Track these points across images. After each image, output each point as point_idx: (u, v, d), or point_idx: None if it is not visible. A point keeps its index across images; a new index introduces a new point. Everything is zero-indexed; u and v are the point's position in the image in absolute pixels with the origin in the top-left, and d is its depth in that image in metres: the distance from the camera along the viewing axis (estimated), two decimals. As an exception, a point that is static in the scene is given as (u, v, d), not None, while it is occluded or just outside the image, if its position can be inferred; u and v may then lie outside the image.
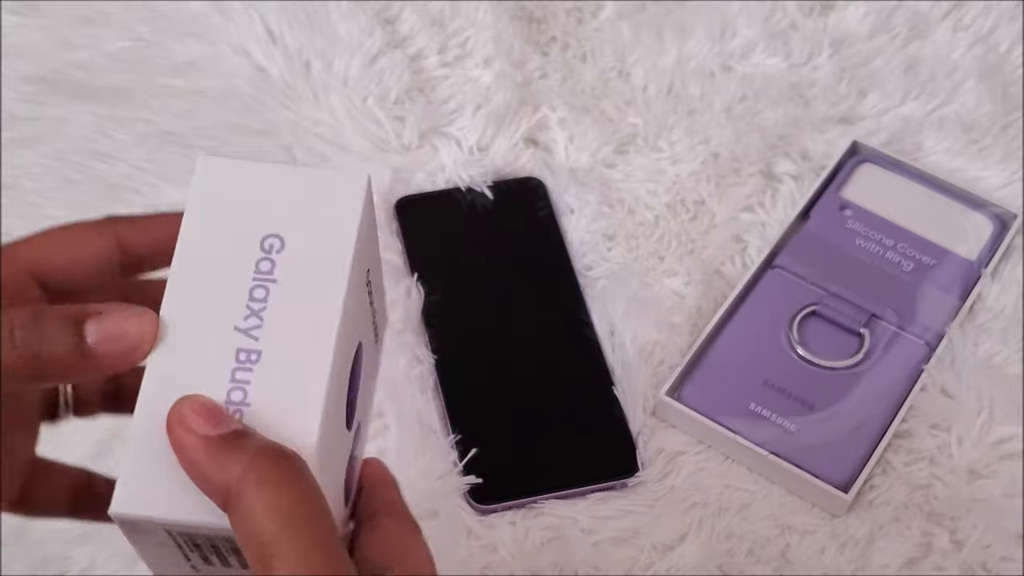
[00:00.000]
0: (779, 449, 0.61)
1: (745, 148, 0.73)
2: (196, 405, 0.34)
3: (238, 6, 0.78)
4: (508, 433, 0.63)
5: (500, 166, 0.73)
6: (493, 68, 0.76)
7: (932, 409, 0.63)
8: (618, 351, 0.66)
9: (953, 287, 0.67)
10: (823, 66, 0.77)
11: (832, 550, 0.60)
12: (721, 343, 0.66)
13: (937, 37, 0.79)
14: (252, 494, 0.32)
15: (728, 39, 0.78)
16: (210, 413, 0.34)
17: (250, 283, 0.36)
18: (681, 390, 0.64)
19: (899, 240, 0.69)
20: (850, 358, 0.65)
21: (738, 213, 0.72)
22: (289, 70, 0.76)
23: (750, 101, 0.76)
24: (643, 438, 0.63)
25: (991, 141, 0.74)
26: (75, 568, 0.59)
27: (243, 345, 0.35)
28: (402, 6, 0.79)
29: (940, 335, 0.66)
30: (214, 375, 0.35)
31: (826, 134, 0.74)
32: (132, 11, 0.79)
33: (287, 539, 0.32)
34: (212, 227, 0.36)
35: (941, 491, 0.61)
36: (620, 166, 0.73)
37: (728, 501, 0.61)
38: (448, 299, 0.67)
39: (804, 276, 0.68)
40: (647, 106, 0.76)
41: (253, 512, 0.32)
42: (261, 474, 0.33)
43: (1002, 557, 0.59)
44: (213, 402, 0.34)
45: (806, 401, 0.63)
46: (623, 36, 0.78)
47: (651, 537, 0.60)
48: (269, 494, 0.32)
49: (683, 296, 0.68)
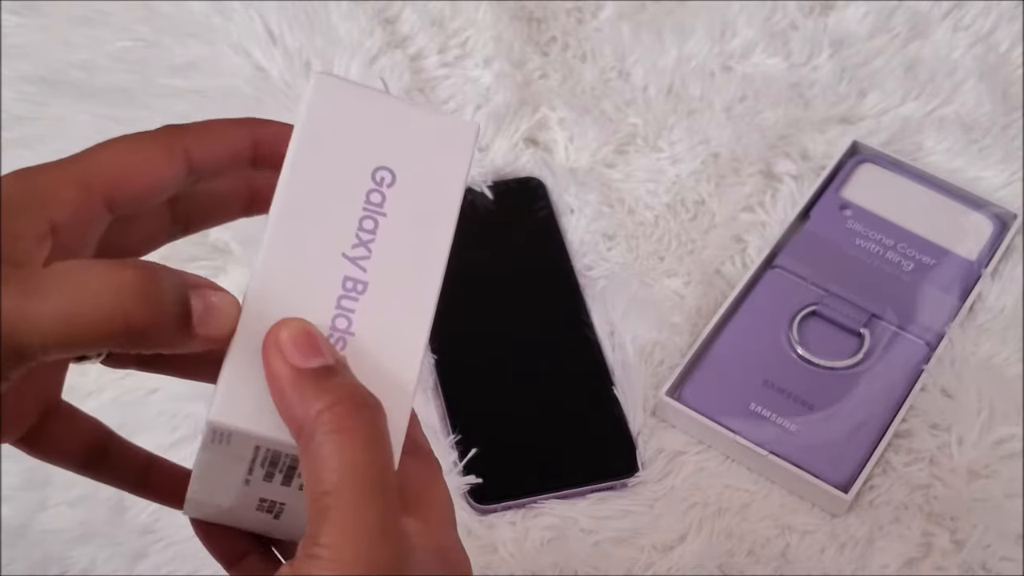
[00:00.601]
0: (779, 449, 0.61)
1: (745, 148, 0.73)
2: (295, 332, 0.34)
3: (238, 6, 0.78)
4: (508, 433, 0.63)
5: (500, 166, 0.73)
6: (493, 68, 0.76)
7: (932, 409, 0.63)
8: (618, 351, 0.66)
9: (953, 287, 0.67)
10: (823, 66, 0.77)
11: (832, 550, 0.60)
12: (721, 343, 0.66)
13: (937, 37, 0.79)
14: (323, 439, 0.32)
15: (728, 39, 0.78)
16: (306, 342, 0.34)
17: (360, 212, 0.36)
18: (681, 390, 0.64)
19: (899, 240, 0.69)
20: (850, 358, 0.65)
21: (738, 213, 0.72)
22: (289, 70, 0.76)
23: (750, 101, 0.76)
24: (643, 438, 0.63)
25: (991, 141, 0.74)
26: (75, 568, 0.59)
27: (350, 274, 0.35)
28: (402, 6, 0.79)
29: (940, 335, 0.66)
30: (320, 299, 0.35)
31: (826, 134, 0.74)
32: (132, 11, 0.79)
33: (347, 493, 0.32)
34: (324, 151, 0.36)
35: (941, 491, 0.61)
36: (620, 166, 0.73)
37: (728, 501, 0.61)
38: (448, 299, 0.67)
39: (804, 276, 0.68)
40: (647, 106, 0.76)
41: (320, 456, 0.32)
42: (336, 421, 0.32)
43: (1002, 557, 0.59)
44: (313, 330, 0.34)
45: (806, 401, 0.63)
46: (623, 36, 0.78)
47: (651, 537, 0.60)
48: (339, 443, 0.32)
49: (683, 296, 0.68)
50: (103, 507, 0.60)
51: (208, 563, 0.41)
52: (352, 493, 0.32)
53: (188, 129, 0.37)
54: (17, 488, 0.60)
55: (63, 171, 0.35)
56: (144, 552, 0.59)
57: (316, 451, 0.32)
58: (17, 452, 0.61)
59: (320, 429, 0.32)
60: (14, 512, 0.60)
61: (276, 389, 0.33)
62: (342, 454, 0.32)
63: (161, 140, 0.37)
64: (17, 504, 0.60)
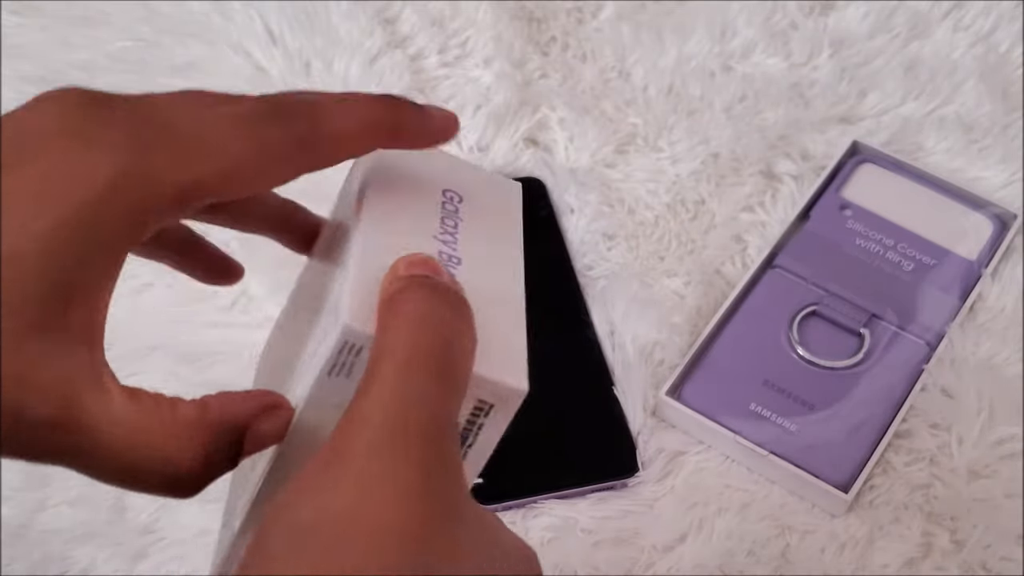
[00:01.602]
0: (779, 449, 0.61)
1: (745, 148, 0.73)
2: (416, 256, 0.34)
3: (238, 6, 0.78)
4: (508, 433, 0.63)
5: (500, 166, 0.73)
6: (493, 68, 0.76)
7: (932, 409, 0.63)
8: (618, 351, 0.66)
9: (953, 287, 0.67)
10: (823, 66, 0.77)
11: (832, 550, 0.60)
12: (721, 343, 0.66)
13: (937, 37, 0.79)
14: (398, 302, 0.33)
15: (728, 39, 0.78)
16: (424, 261, 0.34)
17: (440, 212, 0.38)
18: (681, 390, 0.64)
19: (899, 240, 0.69)
20: (850, 358, 0.65)
21: (738, 213, 0.72)
22: (289, 70, 0.76)
23: (750, 101, 0.76)
24: (643, 438, 0.63)
25: (991, 141, 0.74)
26: (75, 568, 0.59)
27: (444, 249, 0.36)
28: (402, 6, 0.79)
29: (940, 335, 0.66)
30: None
31: (826, 134, 0.74)
32: (132, 11, 0.79)
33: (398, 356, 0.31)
34: (397, 177, 0.38)
35: (941, 491, 0.61)
36: (620, 166, 0.73)
37: (728, 501, 0.61)
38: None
39: (804, 276, 0.68)
40: (647, 106, 0.76)
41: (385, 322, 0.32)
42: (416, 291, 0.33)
43: (1002, 557, 0.59)
44: (431, 260, 0.35)
45: (806, 401, 0.63)
46: (623, 36, 0.79)
47: (651, 537, 0.60)
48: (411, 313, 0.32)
49: (683, 296, 0.68)
50: (103, 507, 0.60)
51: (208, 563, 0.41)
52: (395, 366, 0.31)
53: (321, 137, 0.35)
54: (17, 488, 0.60)
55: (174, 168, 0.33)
56: (144, 552, 0.59)
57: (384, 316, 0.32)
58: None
59: (396, 297, 0.33)
60: (14, 512, 0.60)
61: (382, 291, 0.34)
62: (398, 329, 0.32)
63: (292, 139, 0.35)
64: (17, 504, 0.60)
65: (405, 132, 0.36)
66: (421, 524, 0.29)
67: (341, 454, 0.30)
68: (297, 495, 0.30)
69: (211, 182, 0.33)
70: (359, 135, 0.35)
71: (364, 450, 0.30)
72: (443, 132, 0.37)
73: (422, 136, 0.37)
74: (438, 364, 0.32)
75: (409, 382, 0.31)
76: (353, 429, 0.30)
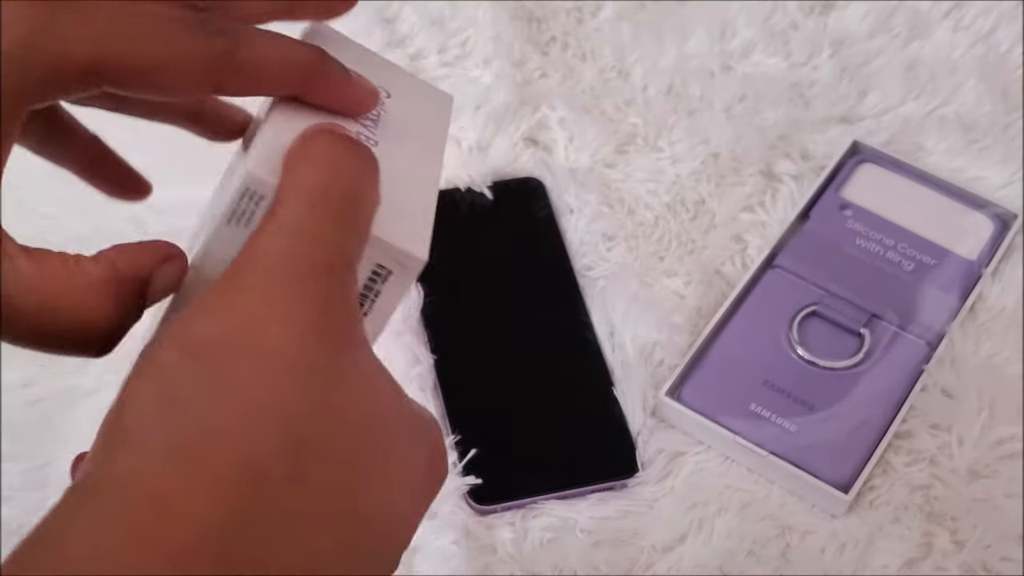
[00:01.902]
0: (779, 449, 0.61)
1: (745, 148, 0.73)
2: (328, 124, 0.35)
3: (238, 6, 0.78)
4: (508, 433, 0.63)
5: (500, 166, 0.73)
6: (493, 68, 0.76)
7: (932, 409, 0.63)
8: (618, 351, 0.66)
9: (953, 287, 0.67)
10: (823, 66, 0.77)
11: (832, 550, 0.60)
12: (721, 343, 0.66)
13: (937, 37, 0.79)
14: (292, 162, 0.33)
15: (728, 39, 0.78)
16: (337, 127, 0.35)
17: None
18: (681, 390, 0.64)
19: (899, 240, 0.69)
20: (850, 358, 0.65)
21: (738, 213, 0.72)
22: (289, 70, 0.75)
23: (750, 101, 0.76)
24: (643, 438, 0.63)
25: (991, 141, 0.74)
26: (74, 568, 0.59)
27: (362, 131, 0.37)
28: (402, 6, 0.79)
29: (940, 335, 0.66)
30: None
31: (826, 134, 0.74)
32: (132, 11, 0.79)
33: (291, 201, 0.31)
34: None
35: (941, 491, 0.61)
36: (620, 166, 0.73)
37: (728, 501, 0.61)
38: (448, 299, 0.67)
39: (804, 276, 0.68)
40: (647, 106, 0.76)
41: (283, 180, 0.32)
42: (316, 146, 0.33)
43: (1002, 557, 0.59)
44: (345, 128, 0.35)
45: (806, 401, 0.63)
46: (623, 36, 0.78)
47: (651, 537, 0.60)
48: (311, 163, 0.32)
49: (683, 296, 0.68)
50: (103, 507, 0.60)
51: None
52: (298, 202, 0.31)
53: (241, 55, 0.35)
54: (17, 488, 0.60)
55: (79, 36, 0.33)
56: (144, 552, 0.59)
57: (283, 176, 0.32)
58: (17, 453, 0.61)
59: (301, 145, 0.33)
60: (14, 512, 0.60)
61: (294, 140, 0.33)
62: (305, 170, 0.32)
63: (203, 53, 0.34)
64: (17, 504, 0.60)
65: (322, 87, 0.36)
66: (311, 351, 0.30)
67: (237, 282, 0.30)
68: (191, 315, 0.30)
69: (117, 70, 0.33)
70: (276, 73, 0.35)
71: (260, 279, 0.30)
72: (359, 104, 0.37)
73: (337, 99, 0.37)
74: (339, 206, 0.32)
75: (309, 219, 0.31)
76: (251, 259, 0.31)
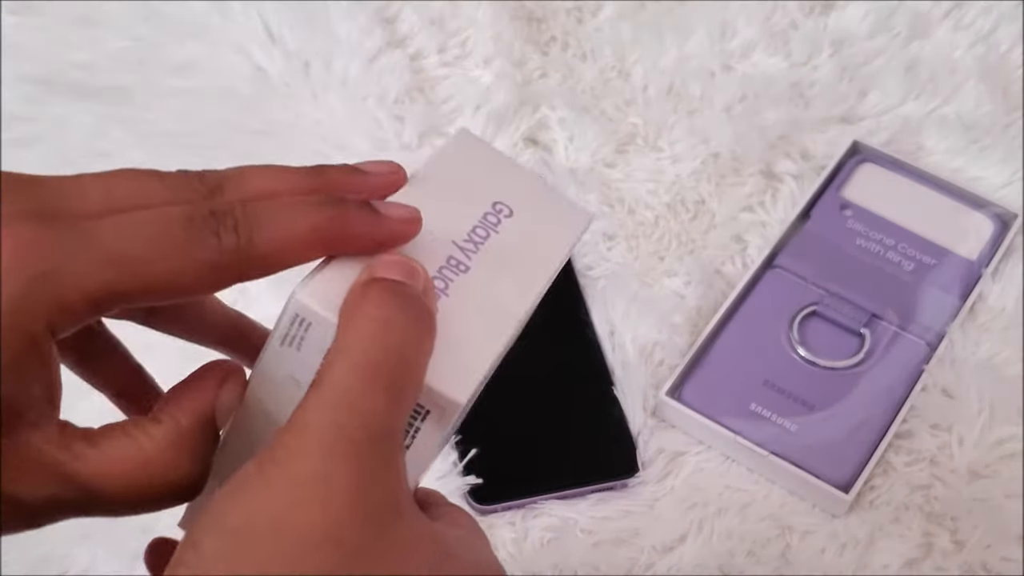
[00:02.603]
0: (779, 449, 0.61)
1: (745, 148, 0.73)
2: (397, 257, 0.34)
3: (238, 6, 0.78)
4: (508, 433, 0.63)
5: (500, 166, 0.73)
6: (493, 68, 0.76)
7: (933, 409, 0.63)
8: (618, 351, 0.66)
9: (954, 287, 0.67)
10: (823, 66, 0.77)
11: (832, 551, 0.60)
12: (721, 343, 0.66)
13: (937, 37, 0.79)
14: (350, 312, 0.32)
15: (728, 39, 0.78)
16: (404, 264, 0.33)
17: (475, 221, 0.38)
18: (681, 390, 0.64)
19: (900, 240, 0.69)
20: (850, 358, 0.65)
21: (738, 213, 0.72)
22: (288, 70, 0.75)
23: (750, 101, 0.76)
24: (643, 438, 0.63)
25: (991, 141, 0.74)
26: (75, 568, 0.59)
27: (456, 256, 0.36)
28: (402, 6, 0.79)
29: (941, 335, 0.66)
30: (424, 260, 0.35)
31: (826, 134, 0.74)
32: (132, 11, 0.79)
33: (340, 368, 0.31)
34: (456, 170, 0.39)
35: (941, 491, 0.61)
36: (620, 166, 0.73)
37: (728, 501, 0.61)
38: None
39: (804, 276, 0.68)
40: (647, 106, 0.76)
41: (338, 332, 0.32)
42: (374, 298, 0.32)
43: (1002, 557, 0.59)
44: (416, 264, 0.34)
45: (806, 401, 0.63)
46: (623, 36, 0.78)
47: (651, 537, 0.60)
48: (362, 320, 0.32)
49: (683, 296, 0.68)
50: (103, 507, 0.60)
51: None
52: (346, 369, 0.31)
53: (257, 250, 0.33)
54: (17, 488, 0.60)
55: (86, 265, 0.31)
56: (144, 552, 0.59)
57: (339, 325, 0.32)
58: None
59: (361, 296, 0.32)
60: (14, 512, 0.60)
61: (352, 288, 0.33)
62: (357, 330, 0.31)
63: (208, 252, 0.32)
64: (17, 504, 0.60)
65: (352, 242, 0.34)
66: (352, 529, 0.29)
67: (277, 456, 0.30)
68: (230, 497, 0.30)
69: (130, 292, 0.32)
70: (297, 250, 0.33)
71: (300, 453, 0.30)
72: (398, 237, 0.35)
73: (372, 245, 0.34)
74: (388, 374, 0.31)
75: (356, 391, 0.31)
76: (294, 431, 0.30)
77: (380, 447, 0.30)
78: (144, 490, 0.32)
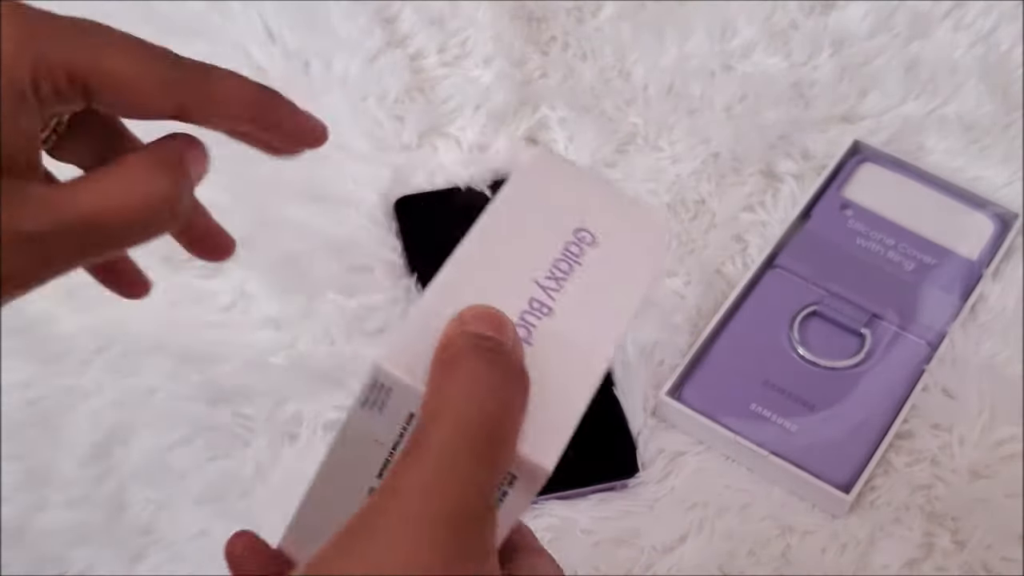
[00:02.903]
0: (779, 449, 0.61)
1: (745, 148, 0.73)
2: (482, 309, 0.33)
3: (238, 6, 0.78)
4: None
5: (500, 165, 0.73)
6: (493, 68, 0.76)
7: (933, 409, 0.63)
8: (618, 351, 0.66)
9: (954, 287, 0.67)
10: (823, 66, 0.77)
11: (833, 551, 0.59)
12: (721, 343, 0.65)
13: (938, 37, 0.79)
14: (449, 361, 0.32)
15: (728, 39, 0.78)
16: (491, 317, 0.33)
17: (558, 254, 0.37)
18: (681, 390, 0.64)
19: (900, 240, 0.69)
20: (851, 358, 0.64)
21: (739, 213, 0.71)
22: (289, 70, 0.75)
23: (750, 101, 0.76)
24: (643, 438, 0.63)
25: (992, 141, 0.74)
26: (74, 569, 0.59)
27: (538, 296, 0.35)
28: (402, 6, 0.79)
29: (941, 335, 0.65)
30: (506, 307, 0.34)
31: (827, 133, 0.74)
32: (132, 11, 0.78)
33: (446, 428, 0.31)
34: (535, 196, 0.38)
35: (942, 491, 0.61)
36: (620, 166, 0.73)
37: (728, 501, 0.61)
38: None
39: (805, 276, 0.67)
40: (647, 106, 0.76)
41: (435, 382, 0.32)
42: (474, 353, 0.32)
43: (1003, 557, 0.59)
44: (502, 315, 0.34)
45: (807, 401, 0.63)
46: (623, 36, 0.78)
47: (651, 538, 0.60)
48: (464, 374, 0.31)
49: (683, 296, 0.68)
50: (102, 508, 0.60)
51: (208, 563, 0.40)
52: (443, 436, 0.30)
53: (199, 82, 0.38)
54: (16, 489, 0.60)
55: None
56: (143, 552, 0.59)
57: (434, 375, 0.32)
58: (16, 453, 0.61)
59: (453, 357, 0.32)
60: (13, 513, 0.60)
61: (440, 345, 0.33)
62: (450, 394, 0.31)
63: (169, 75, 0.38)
64: (16, 505, 0.60)
65: (276, 121, 0.38)
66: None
67: (370, 524, 0.30)
68: (321, 563, 0.30)
69: (94, 75, 0.36)
70: (237, 102, 0.38)
71: (392, 525, 0.29)
72: (311, 135, 0.39)
73: (291, 133, 0.39)
74: (483, 442, 0.31)
75: (450, 457, 0.30)
76: (390, 498, 0.30)
77: (474, 521, 0.30)
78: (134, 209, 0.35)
